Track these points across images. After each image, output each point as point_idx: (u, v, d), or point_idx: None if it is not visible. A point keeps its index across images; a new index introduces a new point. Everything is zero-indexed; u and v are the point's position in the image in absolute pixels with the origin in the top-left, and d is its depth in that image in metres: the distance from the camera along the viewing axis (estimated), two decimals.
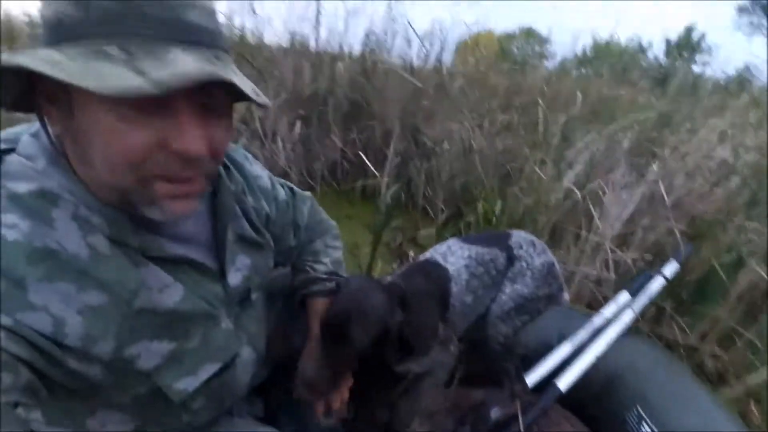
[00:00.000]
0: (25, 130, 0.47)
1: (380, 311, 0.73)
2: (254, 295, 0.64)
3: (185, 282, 0.52)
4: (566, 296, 1.17)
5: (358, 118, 2.51)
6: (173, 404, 0.52)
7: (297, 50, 2.54)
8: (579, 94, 2.08)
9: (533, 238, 1.11)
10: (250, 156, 0.68)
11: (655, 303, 1.39)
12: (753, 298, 1.45)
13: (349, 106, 2.51)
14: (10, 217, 0.40)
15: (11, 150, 0.45)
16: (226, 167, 0.61)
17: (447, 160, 2.43)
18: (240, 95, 0.42)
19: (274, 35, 2.62)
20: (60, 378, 0.42)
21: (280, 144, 2.34)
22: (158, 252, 0.49)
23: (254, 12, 2.53)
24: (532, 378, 1.10)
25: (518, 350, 1.13)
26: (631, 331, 1.24)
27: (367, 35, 2.51)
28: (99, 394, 0.46)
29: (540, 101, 2.06)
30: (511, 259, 1.06)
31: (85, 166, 0.43)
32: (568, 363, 1.09)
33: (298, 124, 2.35)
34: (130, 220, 0.47)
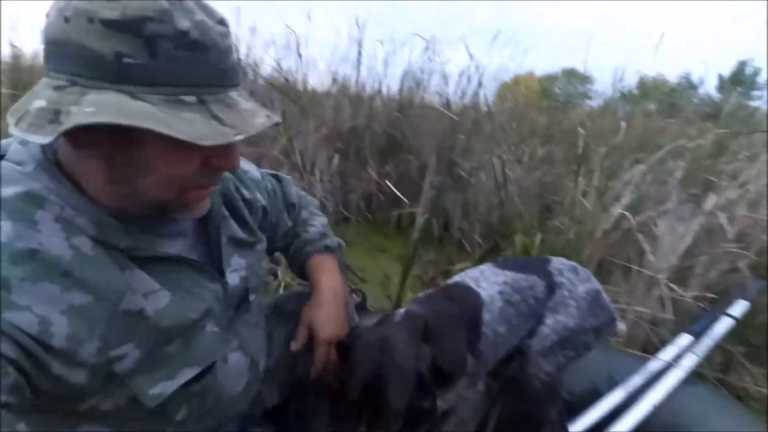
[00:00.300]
0: (14, 139, 0.48)
1: (412, 362, 0.68)
2: (252, 296, 0.63)
3: (180, 282, 0.51)
4: (622, 326, 1.05)
5: (394, 152, 2.55)
6: (156, 415, 0.50)
7: (338, 89, 2.66)
8: (623, 124, 1.99)
9: (575, 264, 1.02)
10: None
11: (721, 347, 1.22)
12: None
13: (386, 141, 2.56)
14: None
15: (1, 157, 0.46)
16: None
17: (483, 192, 2.38)
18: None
19: (318, 76, 2.77)
20: (43, 384, 0.41)
21: (317, 176, 2.40)
22: (151, 252, 0.49)
23: (300, 56, 2.70)
24: (578, 427, 0.98)
25: (561, 392, 1.02)
26: (694, 377, 1.10)
27: (404, 73, 2.59)
28: (81, 404, 0.45)
29: (580, 129, 1.99)
30: (551, 287, 0.96)
31: (115, 185, 0.45)
32: (621, 411, 0.99)
33: (336, 158, 2.42)
34: (120, 221, 0.47)
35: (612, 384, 1.07)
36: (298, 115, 2.55)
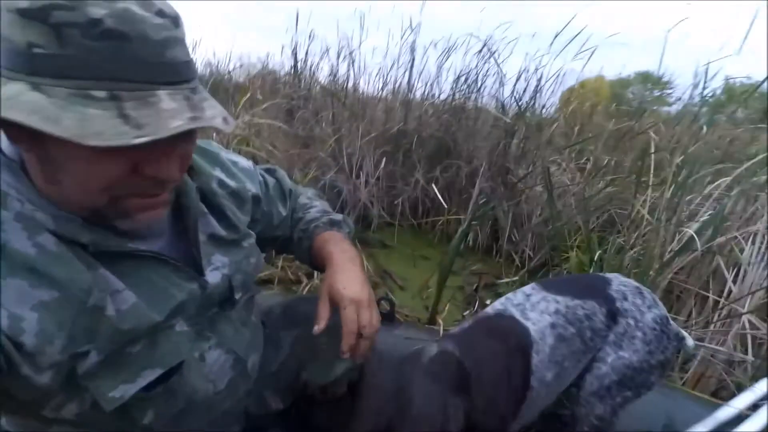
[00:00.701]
0: None
1: (434, 416, 0.59)
2: (238, 295, 0.61)
3: (149, 280, 0.49)
4: (691, 342, 0.88)
5: (444, 156, 2.46)
6: (122, 419, 0.48)
7: (389, 92, 2.64)
8: (704, 128, 1.74)
9: (638, 284, 0.86)
10: (222, 147, 0.69)
11: None
12: None
13: (436, 145, 2.48)
14: None
15: None
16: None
17: (538, 201, 2.21)
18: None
19: (370, 80, 2.76)
20: (12, 386, 0.41)
21: (363, 179, 2.38)
22: (119, 247, 0.47)
23: (353, 62, 2.71)
24: None
25: None
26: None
27: (458, 77, 2.50)
28: (47, 406, 0.45)
29: (653, 134, 1.78)
30: (613, 315, 0.81)
31: (50, 184, 0.43)
32: None
33: (383, 161, 2.38)
34: (86, 218, 0.45)
35: (670, 427, 0.93)
36: (348, 118, 2.55)
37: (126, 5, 0.37)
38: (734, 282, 1.33)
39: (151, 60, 0.39)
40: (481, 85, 2.41)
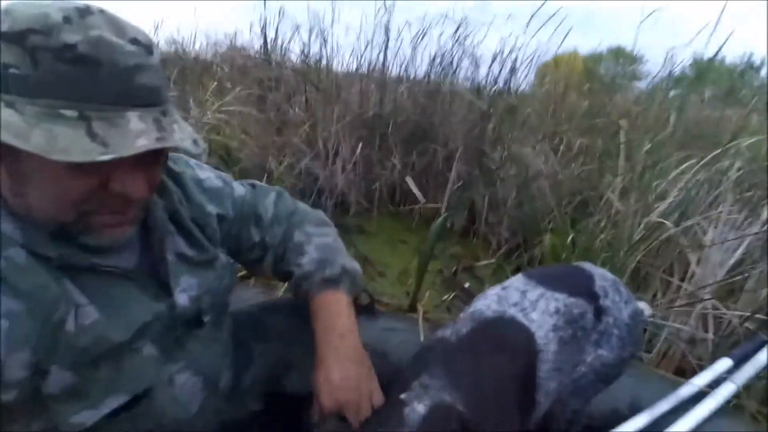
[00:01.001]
0: None
1: None
2: (206, 318, 0.60)
3: (115, 297, 0.49)
4: (647, 311, 0.88)
5: (420, 141, 2.45)
6: None
7: (363, 75, 2.57)
8: (673, 113, 1.78)
9: (615, 279, 0.84)
10: (193, 161, 0.66)
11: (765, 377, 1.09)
12: None
13: (412, 129, 2.46)
14: None
15: None
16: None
17: (513, 185, 2.24)
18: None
19: (343, 62, 2.68)
20: None
21: (339, 165, 2.35)
22: (84, 262, 0.47)
23: (325, 42, 2.62)
24: None
25: (583, 422, 0.92)
26: (732, 409, 0.98)
27: (433, 59, 2.45)
28: (10, 425, 0.45)
29: (622, 122, 1.81)
30: (598, 314, 0.77)
31: (16, 197, 0.44)
32: None
33: (360, 146, 2.35)
34: (51, 231, 0.45)
35: (635, 406, 0.98)
36: (322, 101, 2.49)
37: (101, 33, 0.40)
38: (698, 264, 1.39)
39: (121, 84, 0.41)
40: (457, 67, 2.38)
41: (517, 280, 0.79)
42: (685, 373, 1.25)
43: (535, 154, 2.19)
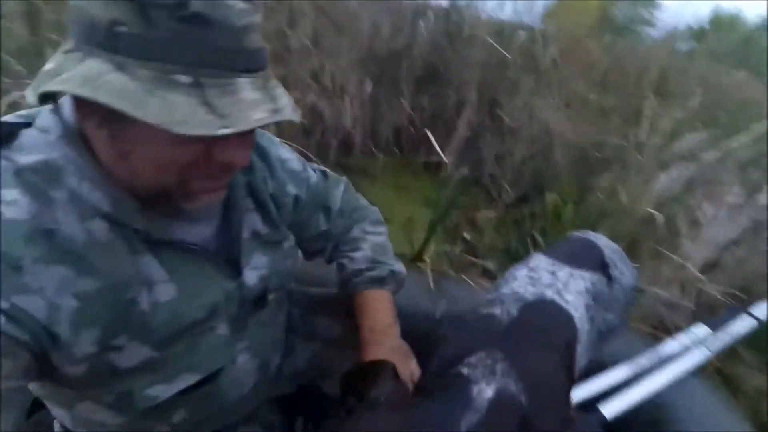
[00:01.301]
0: (41, 108, 0.46)
1: None
2: (271, 296, 0.61)
3: (191, 275, 0.49)
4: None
5: (432, 83, 2.36)
6: (152, 413, 0.50)
7: (377, 3, 2.37)
8: (699, 90, 1.78)
9: (618, 248, 0.87)
10: (277, 140, 0.65)
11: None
12: None
13: (425, 70, 2.35)
14: (10, 193, 0.39)
15: (26, 124, 0.45)
16: None
17: (523, 139, 2.24)
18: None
19: None
20: (43, 372, 0.42)
21: (347, 102, 2.26)
22: (167, 236, 0.47)
23: None
24: (574, 395, 1.02)
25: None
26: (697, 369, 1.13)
27: None
28: (79, 392, 0.47)
29: (649, 93, 1.79)
30: (609, 283, 0.80)
31: (121, 159, 0.42)
32: (620, 389, 0.98)
33: (369, 84, 2.25)
34: (138, 200, 0.45)
35: (615, 358, 1.06)
36: (332, 32, 2.32)
37: None
38: (691, 240, 1.49)
39: (233, 47, 0.38)
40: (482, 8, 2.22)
41: (541, 260, 0.80)
42: (661, 333, 1.41)
43: (551, 109, 2.17)
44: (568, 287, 0.72)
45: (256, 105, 0.39)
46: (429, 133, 2.15)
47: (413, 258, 1.73)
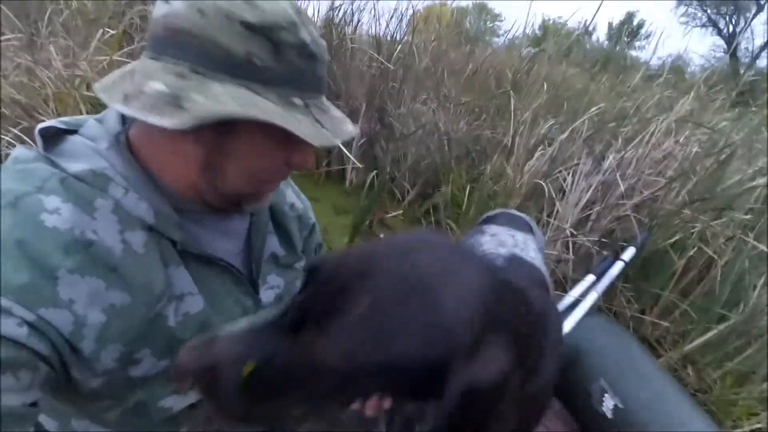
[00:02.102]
0: (86, 117, 0.48)
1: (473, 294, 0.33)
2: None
3: (215, 289, 0.51)
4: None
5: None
6: (156, 426, 0.50)
7: None
8: (545, 85, 2.17)
9: (528, 216, 0.98)
10: None
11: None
12: (690, 276, 1.67)
13: None
14: (53, 201, 0.40)
15: (74, 132, 0.46)
16: None
17: (414, 141, 2.44)
18: None
19: None
20: (61, 384, 0.41)
21: None
22: (198, 249, 0.49)
23: None
24: None
25: None
26: (592, 308, 1.39)
27: (331, 9, 2.39)
28: (91, 405, 0.46)
29: (512, 93, 2.12)
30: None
31: (207, 171, 0.46)
32: None
33: None
34: (175, 210, 0.47)
35: None
36: None
37: (315, 32, 0.45)
38: (561, 205, 1.81)
39: (321, 75, 0.47)
40: (358, 22, 2.37)
41: (495, 228, 0.83)
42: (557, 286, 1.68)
43: (430, 111, 2.40)
44: (528, 247, 0.79)
45: (343, 120, 0.49)
46: (339, 144, 2.22)
47: None
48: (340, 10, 2.39)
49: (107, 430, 0.49)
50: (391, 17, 2.40)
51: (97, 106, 1.77)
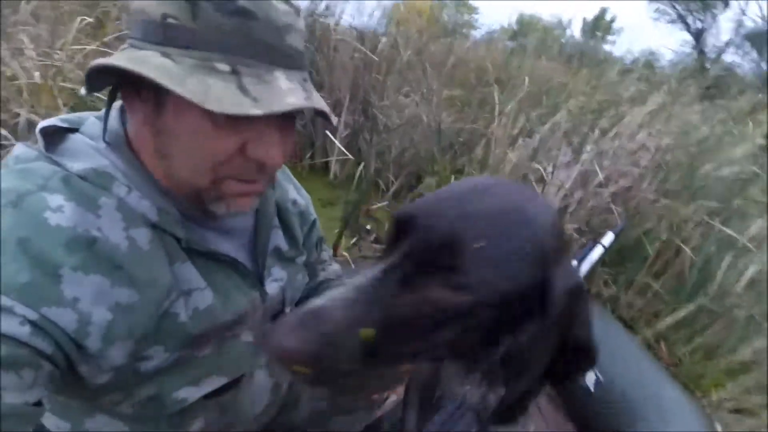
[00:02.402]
0: (86, 114, 0.47)
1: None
2: (288, 309, 0.63)
3: (222, 283, 0.51)
4: None
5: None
6: (172, 421, 0.50)
7: None
8: (527, 79, 2.23)
9: None
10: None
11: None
12: (663, 259, 1.77)
13: None
14: (56, 199, 0.39)
15: (75, 130, 0.45)
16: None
17: (398, 133, 2.47)
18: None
19: None
20: (67, 380, 0.42)
21: None
22: (203, 247, 0.48)
23: None
24: None
25: None
26: None
27: (312, 1, 2.38)
28: (100, 399, 0.46)
29: (496, 87, 2.17)
30: None
31: (160, 159, 0.44)
32: None
33: None
34: (179, 208, 0.47)
35: None
36: None
37: None
38: (543, 194, 1.87)
39: (272, 42, 0.40)
40: (341, 13, 2.37)
41: None
42: None
43: (413, 103, 2.43)
44: None
45: (290, 93, 0.41)
46: (330, 134, 2.23)
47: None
48: (322, 2, 2.38)
49: (121, 427, 0.48)
50: (374, 10, 2.40)
51: (75, 98, 1.72)
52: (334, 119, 0.47)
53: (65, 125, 0.45)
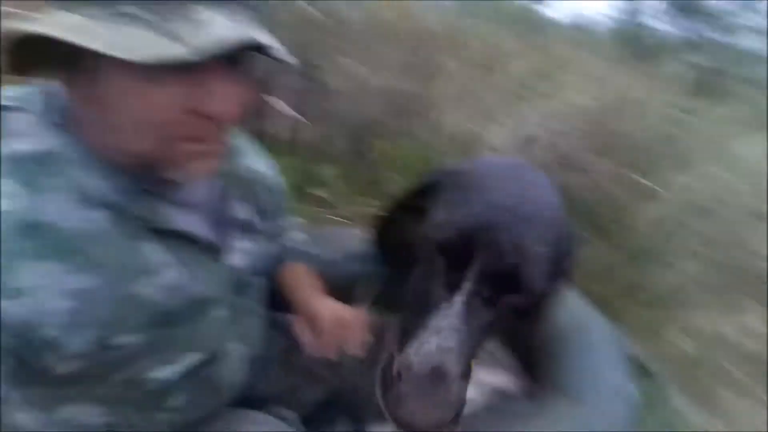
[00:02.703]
0: (32, 90, 0.44)
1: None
2: (256, 280, 0.61)
3: (188, 258, 0.49)
4: None
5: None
6: (150, 400, 0.49)
7: None
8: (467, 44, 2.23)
9: None
10: None
11: None
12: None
13: None
14: (4, 184, 0.37)
15: (18, 108, 0.42)
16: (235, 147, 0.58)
17: (345, 98, 2.41)
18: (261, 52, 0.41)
19: None
20: (33, 370, 0.40)
21: None
22: (162, 224, 0.46)
23: None
24: None
25: None
26: None
27: None
28: (73, 386, 0.44)
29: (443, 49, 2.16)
30: None
31: (105, 131, 0.41)
32: None
33: None
34: (137, 186, 0.44)
35: None
36: None
37: None
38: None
39: None
40: None
41: None
42: None
43: (362, 69, 2.37)
44: None
45: (221, 26, 0.36)
46: (279, 100, 2.14)
47: None
48: None
49: (98, 411, 0.46)
50: None
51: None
52: (291, 58, 0.42)
53: (8, 103, 0.42)
